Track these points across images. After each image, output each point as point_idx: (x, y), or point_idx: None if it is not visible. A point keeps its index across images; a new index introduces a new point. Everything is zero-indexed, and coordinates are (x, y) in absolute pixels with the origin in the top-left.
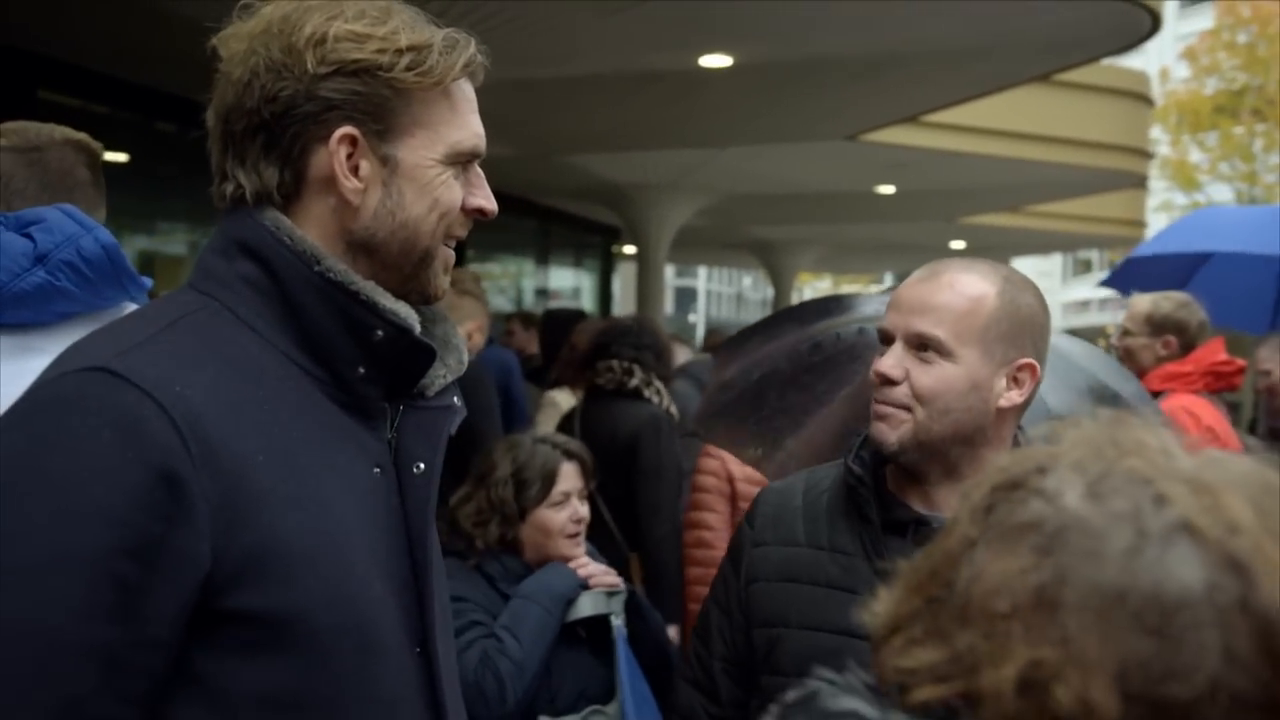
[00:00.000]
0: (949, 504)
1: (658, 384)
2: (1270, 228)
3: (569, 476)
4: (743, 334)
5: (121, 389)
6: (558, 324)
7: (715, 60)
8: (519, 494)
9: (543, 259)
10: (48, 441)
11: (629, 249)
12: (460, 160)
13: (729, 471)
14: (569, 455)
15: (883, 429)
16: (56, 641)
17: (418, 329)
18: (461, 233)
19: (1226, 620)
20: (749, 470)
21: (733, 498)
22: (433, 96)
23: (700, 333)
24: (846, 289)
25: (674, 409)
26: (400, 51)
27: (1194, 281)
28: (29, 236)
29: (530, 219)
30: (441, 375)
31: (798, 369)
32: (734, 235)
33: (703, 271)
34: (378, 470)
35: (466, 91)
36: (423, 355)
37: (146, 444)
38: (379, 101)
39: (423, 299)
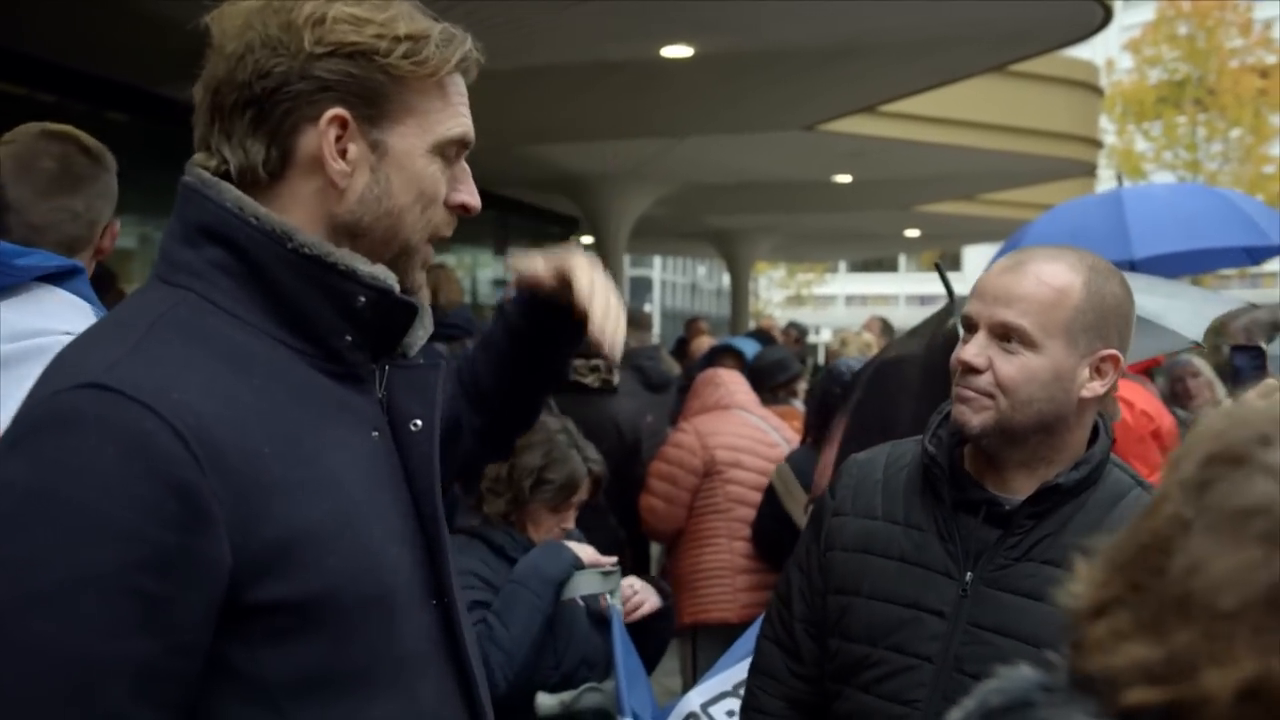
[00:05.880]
0: (1023, 487)
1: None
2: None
3: (581, 491)
4: None
5: (119, 404)
6: None
7: (676, 50)
8: (535, 488)
9: (500, 250)
10: (52, 464)
11: (587, 239)
12: (448, 151)
13: (703, 444)
14: (591, 472)
15: (965, 412)
16: (88, 662)
17: (398, 288)
18: (447, 232)
19: None
20: (730, 439)
21: (706, 472)
22: (426, 86)
23: (658, 323)
24: (801, 277)
25: None
26: (398, 39)
27: None
28: None
29: (488, 209)
30: (421, 335)
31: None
32: (691, 225)
33: (658, 261)
34: (375, 434)
35: (459, 85)
36: (405, 313)
37: (153, 457)
38: (373, 86)
39: (399, 290)
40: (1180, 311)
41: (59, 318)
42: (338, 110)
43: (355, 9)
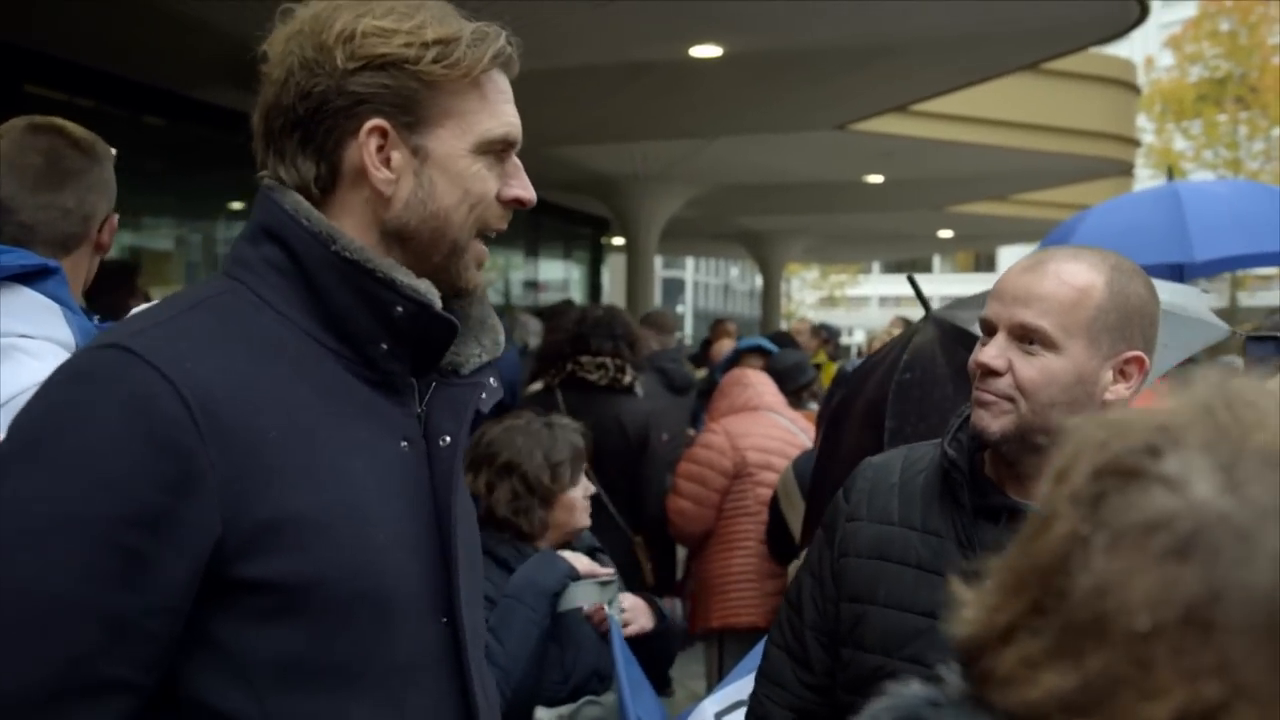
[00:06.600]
0: None
1: (634, 374)
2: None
3: (584, 453)
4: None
5: (133, 365)
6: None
7: (705, 50)
8: (554, 476)
9: (532, 251)
10: (61, 413)
11: (618, 240)
12: (493, 149)
13: (734, 445)
14: (581, 435)
15: (984, 417)
16: (58, 604)
17: (438, 304)
18: (500, 225)
19: None
20: (761, 440)
21: (736, 474)
22: (462, 88)
23: (690, 324)
24: (834, 278)
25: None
26: (426, 45)
27: None
28: None
29: (520, 211)
30: (477, 354)
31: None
32: (723, 226)
33: (690, 262)
34: (405, 444)
35: (499, 82)
36: (445, 329)
37: (154, 418)
38: (407, 94)
39: (452, 291)
40: (1177, 294)
41: (19, 318)
42: (376, 121)
43: (383, 20)
